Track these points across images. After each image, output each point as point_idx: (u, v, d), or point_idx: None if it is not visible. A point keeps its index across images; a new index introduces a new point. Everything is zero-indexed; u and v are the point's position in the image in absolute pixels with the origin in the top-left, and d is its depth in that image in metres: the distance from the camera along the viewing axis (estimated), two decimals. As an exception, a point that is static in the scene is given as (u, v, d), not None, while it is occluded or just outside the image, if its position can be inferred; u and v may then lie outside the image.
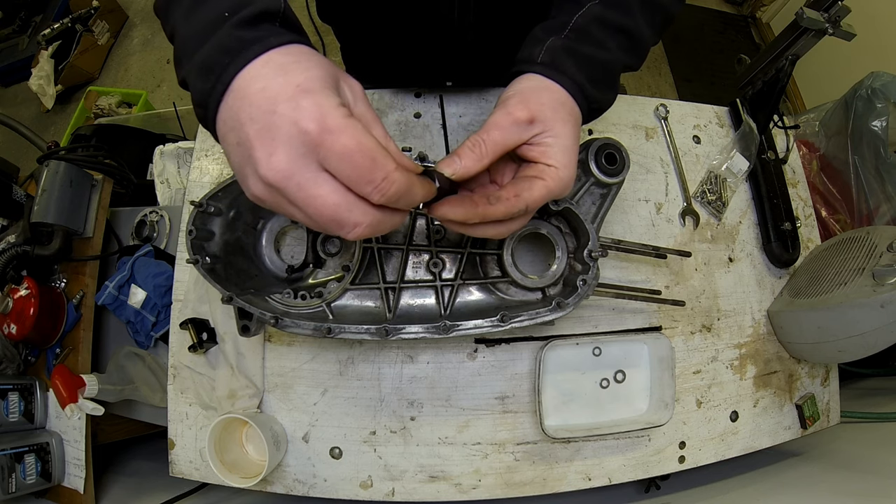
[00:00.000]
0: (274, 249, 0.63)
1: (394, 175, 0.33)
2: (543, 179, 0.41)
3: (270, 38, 0.34)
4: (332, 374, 0.66)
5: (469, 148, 0.40)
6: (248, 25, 0.34)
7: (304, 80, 0.32)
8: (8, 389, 0.79)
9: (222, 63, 0.33)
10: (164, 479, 0.69)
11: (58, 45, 2.48)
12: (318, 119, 0.31)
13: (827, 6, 0.69)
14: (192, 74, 0.35)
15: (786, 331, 0.74)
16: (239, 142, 0.33)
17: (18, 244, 0.82)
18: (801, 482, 0.73)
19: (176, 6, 0.37)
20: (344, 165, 0.32)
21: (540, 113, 0.41)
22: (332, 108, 0.32)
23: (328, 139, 0.31)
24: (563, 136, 0.42)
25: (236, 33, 0.33)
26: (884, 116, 1.07)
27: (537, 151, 0.42)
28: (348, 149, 0.31)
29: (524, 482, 0.65)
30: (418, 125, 0.74)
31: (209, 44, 0.34)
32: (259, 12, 0.34)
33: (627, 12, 0.46)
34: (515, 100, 0.42)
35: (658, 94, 2.36)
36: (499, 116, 0.41)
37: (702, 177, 0.78)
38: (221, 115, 0.34)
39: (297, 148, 0.31)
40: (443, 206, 0.40)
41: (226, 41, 0.33)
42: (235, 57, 0.33)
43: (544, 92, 0.43)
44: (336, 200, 0.33)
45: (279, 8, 0.36)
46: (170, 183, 1.05)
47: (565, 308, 0.54)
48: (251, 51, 0.33)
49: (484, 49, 0.69)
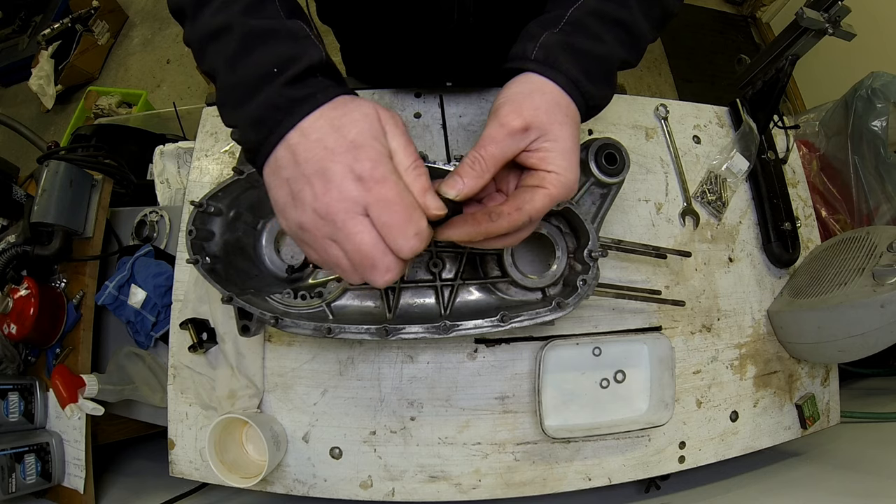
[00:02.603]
0: (274, 249, 0.63)
1: (425, 232, 0.36)
2: (545, 188, 0.41)
3: (318, 96, 0.37)
4: (332, 374, 0.66)
5: (469, 166, 0.40)
6: (297, 82, 0.37)
7: (356, 134, 0.36)
8: (8, 389, 0.78)
9: (276, 119, 0.37)
10: (164, 479, 0.69)
11: (58, 45, 2.48)
12: (369, 169, 0.35)
13: (827, 6, 0.69)
14: (243, 125, 0.39)
15: (786, 331, 0.74)
16: (290, 178, 0.37)
17: (18, 244, 0.82)
18: (801, 482, 0.73)
19: (216, 51, 0.40)
20: (383, 212, 0.35)
21: (534, 119, 0.40)
22: (381, 159, 0.35)
23: (375, 187, 0.35)
24: (561, 139, 0.41)
25: (287, 93, 0.37)
26: (884, 116, 1.06)
27: (536, 158, 0.41)
28: (389, 199, 0.35)
29: (524, 482, 0.65)
30: (418, 125, 0.74)
31: (259, 99, 0.37)
32: (305, 68, 0.38)
33: (624, 5, 0.45)
34: (507, 108, 0.41)
35: (658, 94, 2.36)
36: (493, 129, 0.40)
37: (702, 177, 0.78)
38: (273, 160, 0.38)
39: (349, 189, 0.35)
40: (447, 230, 0.41)
41: (276, 100, 0.37)
42: (288, 115, 0.36)
43: (537, 95, 0.41)
44: (373, 241, 0.35)
45: (322, 60, 0.39)
46: (170, 183, 1.05)
47: (565, 308, 0.54)
48: (302, 110, 0.36)
49: (484, 49, 0.69)
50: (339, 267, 0.38)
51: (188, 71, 2.50)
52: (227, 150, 0.75)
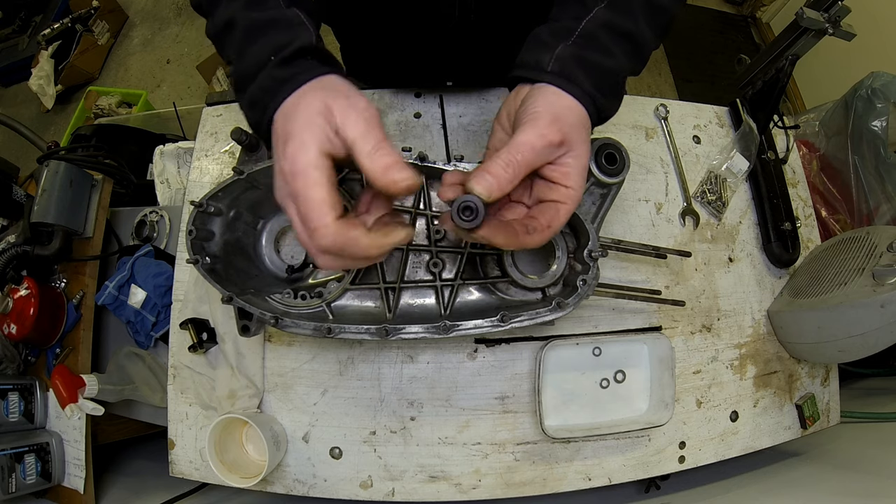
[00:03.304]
0: (274, 249, 0.63)
1: (323, 230, 0.37)
2: (566, 204, 0.42)
3: (300, 76, 0.40)
4: (332, 374, 0.66)
5: (503, 168, 0.39)
6: (285, 65, 0.40)
7: (291, 126, 0.38)
8: (8, 389, 0.78)
9: (264, 101, 0.40)
10: (164, 479, 0.69)
11: (58, 45, 2.48)
12: (290, 163, 0.38)
13: (827, 6, 0.69)
14: (245, 108, 0.43)
15: (786, 331, 0.74)
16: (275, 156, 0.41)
17: (18, 244, 0.82)
18: (801, 482, 0.73)
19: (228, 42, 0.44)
20: (298, 204, 0.38)
21: (569, 135, 0.41)
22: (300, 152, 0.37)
23: (290, 180, 0.38)
24: (581, 156, 0.42)
25: (275, 74, 0.40)
26: (884, 116, 1.07)
27: (559, 173, 0.42)
28: (297, 193, 0.37)
29: (524, 482, 0.65)
30: (418, 125, 0.74)
31: (255, 84, 0.41)
32: (295, 51, 0.40)
33: (632, 16, 0.45)
34: (547, 120, 0.41)
35: (658, 94, 2.36)
36: (532, 137, 0.40)
37: (702, 177, 0.78)
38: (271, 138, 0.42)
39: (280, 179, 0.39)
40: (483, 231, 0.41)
41: (266, 82, 0.40)
42: (274, 95, 0.40)
43: (571, 112, 0.42)
44: (300, 228, 0.39)
45: (311, 42, 0.41)
46: (170, 183, 1.05)
47: (565, 308, 0.54)
48: (284, 90, 0.39)
49: (485, 47, 0.69)
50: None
51: (188, 71, 2.50)
52: (227, 150, 0.75)
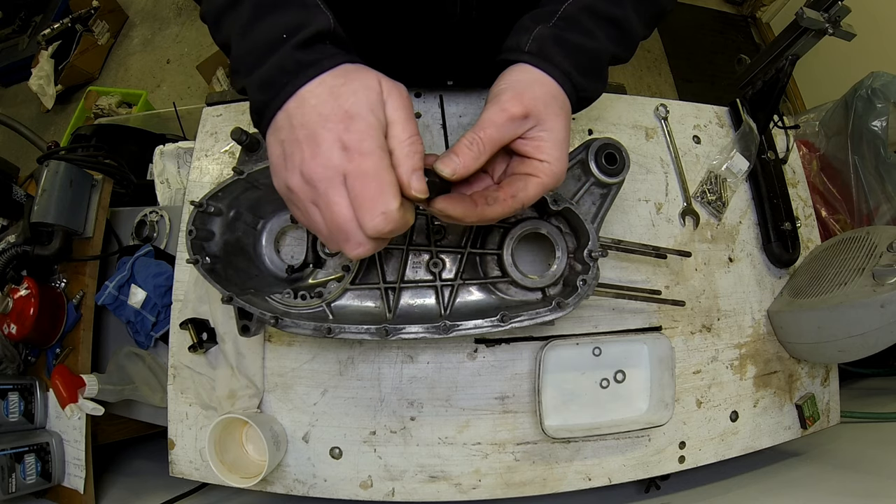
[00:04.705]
0: (274, 249, 0.63)
1: (392, 215, 0.36)
2: (538, 176, 0.42)
3: (323, 62, 0.38)
4: (332, 374, 0.66)
5: (466, 147, 0.40)
6: (305, 48, 0.39)
7: (352, 104, 0.36)
8: (8, 389, 0.78)
9: (281, 82, 0.38)
10: (164, 479, 0.69)
11: (58, 45, 2.48)
12: (357, 141, 0.36)
13: (827, 6, 0.69)
14: (251, 87, 0.40)
15: (786, 331, 0.74)
16: (285, 140, 0.38)
17: (18, 244, 0.82)
18: (801, 482, 0.73)
19: (230, 20, 0.42)
20: (357, 184, 0.36)
21: (533, 107, 0.41)
22: (370, 132, 0.36)
23: (357, 158, 0.36)
24: (555, 129, 0.42)
25: (297, 56, 0.38)
26: (884, 116, 1.06)
27: (531, 146, 0.42)
28: (367, 172, 0.35)
29: (524, 482, 0.65)
30: (419, 125, 0.74)
31: (269, 63, 0.38)
32: (314, 34, 0.39)
33: (618, 2, 0.46)
34: (509, 94, 0.42)
35: (658, 94, 2.36)
36: (493, 113, 0.41)
37: (702, 177, 0.78)
38: (275, 121, 0.39)
39: (334, 157, 0.36)
40: (443, 202, 0.41)
41: (286, 62, 0.38)
42: (294, 78, 0.38)
43: (536, 85, 0.43)
44: (349, 215, 0.37)
45: (329, 27, 0.40)
46: (170, 183, 1.05)
47: (565, 308, 0.54)
48: (307, 74, 0.38)
49: (486, 45, 0.69)
50: (319, 232, 0.39)
51: (188, 71, 2.50)
52: (227, 150, 0.75)
